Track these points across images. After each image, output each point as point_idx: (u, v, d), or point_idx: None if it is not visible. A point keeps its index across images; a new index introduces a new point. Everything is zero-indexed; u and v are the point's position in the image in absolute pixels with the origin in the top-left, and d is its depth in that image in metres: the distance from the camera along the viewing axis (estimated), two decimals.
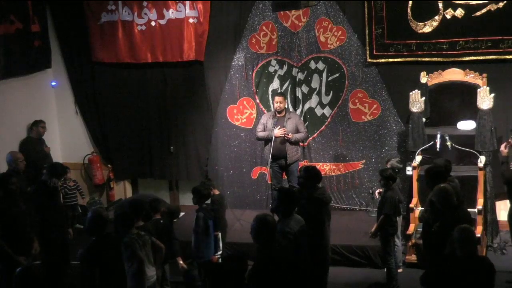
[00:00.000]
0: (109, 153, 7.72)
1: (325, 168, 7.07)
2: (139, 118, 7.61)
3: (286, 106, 6.65)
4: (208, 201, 5.35)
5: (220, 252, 5.46)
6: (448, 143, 5.88)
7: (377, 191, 5.73)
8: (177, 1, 7.06)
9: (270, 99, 7.10)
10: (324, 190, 5.14)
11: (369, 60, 6.65)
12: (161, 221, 5.03)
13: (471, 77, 6.12)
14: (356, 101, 6.87)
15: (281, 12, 6.77)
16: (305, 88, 7.02)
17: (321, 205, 4.71)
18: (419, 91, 6.08)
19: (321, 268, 4.71)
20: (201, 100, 7.37)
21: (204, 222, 5.02)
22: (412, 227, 5.78)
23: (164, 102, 7.50)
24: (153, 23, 7.19)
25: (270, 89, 7.13)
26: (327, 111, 7.00)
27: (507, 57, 6.14)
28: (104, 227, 3.96)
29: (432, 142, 5.99)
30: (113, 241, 4.06)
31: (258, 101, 7.19)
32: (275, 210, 4.30)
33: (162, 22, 7.17)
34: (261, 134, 6.38)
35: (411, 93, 6.09)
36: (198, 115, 7.43)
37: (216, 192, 5.64)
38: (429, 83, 6.24)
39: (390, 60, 6.57)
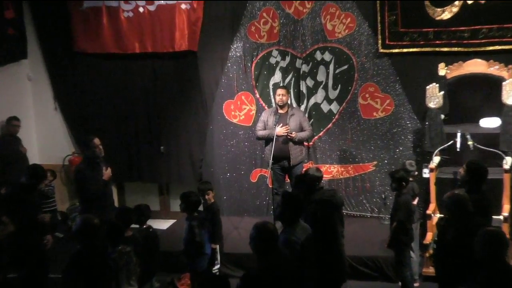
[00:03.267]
0: None
1: (332, 170, 7.04)
2: (126, 114, 7.58)
3: (289, 102, 6.62)
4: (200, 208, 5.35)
5: (217, 266, 5.42)
6: (470, 143, 5.81)
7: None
8: None
9: (271, 93, 7.06)
10: (335, 192, 5.08)
11: (381, 51, 6.62)
12: (151, 230, 4.96)
13: (495, 69, 6.06)
14: (367, 96, 6.82)
15: None
16: (310, 82, 6.98)
17: (332, 209, 4.64)
18: (437, 85, 6.03)
19: (334, 284, 4.62)
20: (195, 95, 7.34)
21: (194, 232, 4.96)
22: (429, 236, 5.70)
23: (153, 97, 7.48)
24: (141, 9, 7.15)
25: (271, 82, 7.08)
26: (334, 107, 6.96)
27: None
28: (93, 237, 3.95)
29: (452, 141, 5.94)
30: (100, 253, 4.03)
31: (258, 96, 7.15)
32: (279, 217, 4.24)
33: (151, 8, 7.13)
34: (261, 132, 6.33)
35: (428, 87, 6.05)
36: (192, 112, 7.40)
37: (212, 199, 5.55)
38: (448, 76, 6.18)
39: (405, 50, 6.52)
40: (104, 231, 4.29)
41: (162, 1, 7.07)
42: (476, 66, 6.15)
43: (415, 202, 5.62)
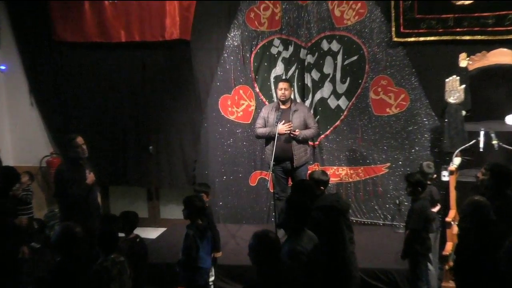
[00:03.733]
0: None
1: (341, 173, 7.03)
2: (111, 111, 7.58)
3: (293, 96, 6.60)
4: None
5: (212, 279, 5.40)
6: (494, 142, 5.78)
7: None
8: None
9: (273, 87, 7.05)
10: (339, 196, 5.06)
11: (395, 39, 6.61)
12: (138, 239, 4.94)
13: None
14: (379, 90, 6.81)
15: None
16: (315, 74, 6.96)
17: (337, 214, 4.62)
18: (458, 77, 6.02)
19: None
20: (188, 89, 7.33)
21: (194, 242, 4.92)
22: (449, 246, 5.66)
23: (141, 92, 7.48)
24: None
25: (273, 75, 7.08)
26: (343, 102, 6.95)
27: None
28: (74, 248, 3.93)
29: (474, 140, 5.92)
30: (83, 266, 4.01)
31: (257, 90, 7.14)
32: (283, 224, 4.22)
33: None
34: (261, 130, 6.31)
35: (447, 79, 6.04)
36: (184, 108, 7.40)
37: (206, 204, 5.53)
38: (470, 67, 6.17)
39: (422, 39, 6.51)
40: (87, 241, 4.24)
41: None
42: (501, 56, 6.12)
43: (435, 209, 5.59)
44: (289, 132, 6.09)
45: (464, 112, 6.12)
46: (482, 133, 5.86)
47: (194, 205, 5.03)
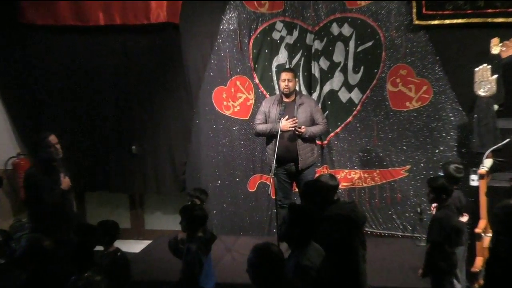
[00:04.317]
0: None
1: (353, 176, 7.02)
2: (88, 105, 7.60)
3: (298, 88, 6.58)
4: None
5: None
6: None
7: (433, 205, 5.59)
8: None
9: (275, 77, 7.05)
10: (355, 205, 5.03)
11: (417, 22, 6.61)
12: (119, 253, 4.93)
13: None
14: (398, 80, 6.81)
15: None
16: (324, 63, 6.96)
17: (352, 227, 4.58)
18: (489, 67, 6.00)
19: None
20: (177, 80, 7.34)
21: (197, 259, 4.86)
22: (479, 262, 5.65)
23: (123, 83, 7.48)
24: None
25: (275, 64, 7.09)
26: (355, 95, 6.95)
27: None
28: (43, 262, 3.94)
29: (508, 139, 5.92)
30: (54, 285, 3.98)
31: (257, 81, 7.13)
32: (285, 236, 4.20)
33: None
34: (261, 127, 6.29)
35: (477, 69, 6.03)
36: (172, 101, 7.40)
37: None
38: (503, 55, 6.13)
39: (447, 21, 6.51)
40: (59, 256, 4.23)
41: None
42: None
43: (464, 219, 5.55)
44: (293, 129, 6.06)
45: (496, 107, 6.10)
46: None
47: (193, 215, 4.98)
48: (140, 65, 7.42)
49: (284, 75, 6.25)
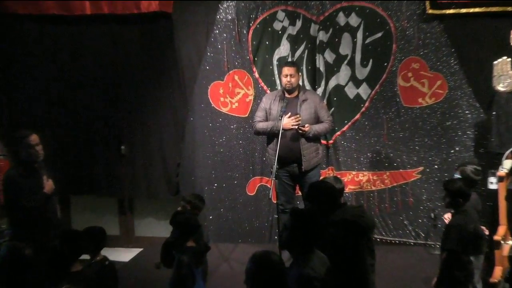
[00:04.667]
0: None
1: (361, 179, 7.04)
2: (73, 101, 7.60)
3: (301, 83, 6.58)
4: None
5: None
6: None
7: (446, 215, 5.59)
8: None
9: (276, 71, 7.06)
10: (363, 210, 5.01)
11: (430, 12, 6.62)
12: (107, 262, 4.91)
13: None
14: (410, 75, 6.82)
15: None
16: (330, 55, 6.97)
17: (359, 233, 4.55)
18: (509, 59, 6.01)
19: None
20: (169, 75, 7.35)
21: (189, 271, 4.86)
22: (498, 271, 5.63)
23: (112, 77, 7.50)
24: None
25: (276, 57, 7.10)
26: (364, 90, 6.96)
27: None
28: (23, 272, 3.94)
29: None
30: None
31: (256, 75, 7.14)
32: (286, 244, 4.18)
33: None
34: (261, 125, 6.29)
35: (495, 62, 6.04)
36: (165, 98, 7.42)
37: None
38: None
39: (464, 10, 6.51)
40: (42, 265, 4.22)
41: None
42: None
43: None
44: (296, 127, 6.06)
45: None
46: None
47: (185, 224, 4.99)
48: (130, 59, 7.43)
49: (286, 70, 6.24)
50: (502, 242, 5.69)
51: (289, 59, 6.93)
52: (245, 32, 7.08)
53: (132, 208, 7.90)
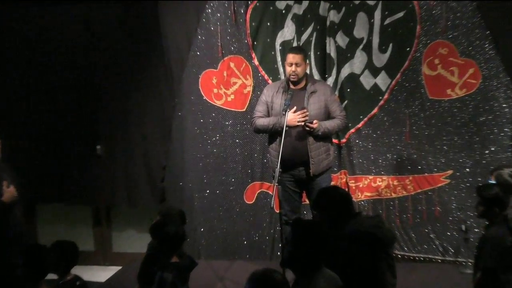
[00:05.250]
0: None
1: (379, 184, 7.05)
2: (40, 94, 7.63)
3: (309, 71, 6.57)
4: None
5: None
6: None
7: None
8: None
9: (279, 58, 7.07)
10: (381, 221, 5.00)
11: None
12: (79, 283, 4.93)
13: None
14: (437, 62, 6.82)
15: None
16: (342, 39, 6.98)
17: (377, 248, 4.56)
18: None
19: None
20: (153, 62, 7.38)
21: None
22: None
23: (86, 65, 7.52)
24: None
25: (279, 40, 7.10)
26: (382, 80, 6.97)
27: None
28: None
29: None
30: None
31: (256, 62, 7.16)
32: (288, 261, 4.19)
33: None
34: (262, 122, 6.28)
35: None
36: (148, 89, 7.43)
37: None
38: None
39: None
40: (2, 285, 4.25)
41: None
42: None
43: None
44: (303, 123, 6.04)
45: None
46: None
47: (165, 235, 4.98)
48: (108, 43, 7.46)
49: (291, 57, 6.21)
50: None
51: (295, 44, 6.93)
52: (242, 11, 7.09)
53: (109, 219, 7.92)
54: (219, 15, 7.11)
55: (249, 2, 7.05)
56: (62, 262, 4.88)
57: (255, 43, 7.11)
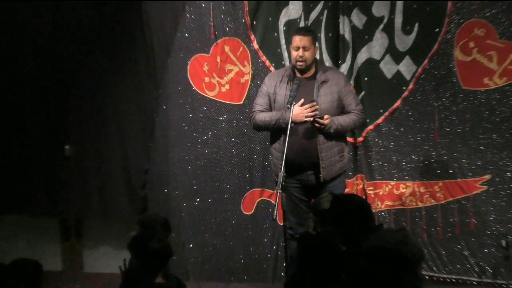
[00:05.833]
0: None
1: (403, 191, 7.04)
2: (3, 88, 7.64)
3: (318, 57, 6.56)
4: None
5: None
6: None
7: None
8: None
9: (283, 40, 7.07)
10: (406, 235, 4.95)
11: None
12: None
13: None
14: (472, 45, 6.81)
15: None
16: (358, 18, 6.98)
17: (401, 267, 4.51)
18: None
19: None
20: (133, 45, 7.40)
21: None
22: None
23: (52, 51, 7.55)
24: None
25: (283, 19, 7.11)
26: (406, 67, 6.97)
27: None
28: None
29: None
30: None
31: (256, 46, 7.17)
32: (294, 284, 4.18)
33: None
34: (263, 117, 6.27)
35: None
36: (126, 78, 7.46)
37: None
38: None
39: None
40: None
41: None
42: None
43: None
44: (312, 119, 6.01)
45: None
46: None
47: (147, 252, 4.96)
48: (79, 25, 7.47)
49: (298, 40, 6.20)
50: None
51: (302, 24, 6.93)
52: None
53: (79, 233, 7.92)
54: None
55: None
56: (24, 283, 4.85)
57: (254, 22, 7.11)
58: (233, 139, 7.24)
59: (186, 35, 7.21)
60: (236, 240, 7.30)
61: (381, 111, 7.01)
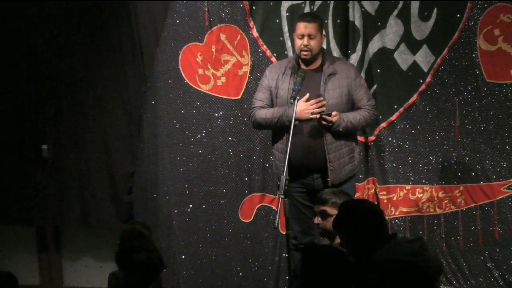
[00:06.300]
0: None
1: (419, 196, 7.07)
2: None
3: (325, 46, 6.61)
4: None
5: None
6: None
7: None
8: None
9: (286, 28, 7.10)
10: (423, 245, 5.01)
11: None
12: None
13: None
14: (497, 33, 6.84)
15: None
16: (370, 3, 7.00)
17: (417, 280, 4.58)
18: None
19: None
20: (118, 33, 7.44)
21: None
22: None
23: (30, 44, 7.61)
24: None
25: (286, 4, 7.13)
26: (424, 58, 7.01)
27: None
28: None
29: None
30: None
31: (255, 34, 7.20)
32: None
33: None
34: (263, 114, 6.31)
35: None
36: (110, 70, 7.50)
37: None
38: None
39: None
40: None
41: None
42: None
43: None
44: (319, 116, 6.06)
45: None
46: None
47: (133, 264, 4.97)
48: (57, 14, 7.51)
49: (303, 27, 6.22)
50: None
51: (307, 9, 6.96)
52: None
53: (58, 243, 7.93)
54: None
55: None
56: None
57: (253, 7, 7.14)
58: (230, 138, 7.27)
59: (177, 21, 7.22)
60: (233, 251, 7.32)
61: (396, 106, 7.04)
